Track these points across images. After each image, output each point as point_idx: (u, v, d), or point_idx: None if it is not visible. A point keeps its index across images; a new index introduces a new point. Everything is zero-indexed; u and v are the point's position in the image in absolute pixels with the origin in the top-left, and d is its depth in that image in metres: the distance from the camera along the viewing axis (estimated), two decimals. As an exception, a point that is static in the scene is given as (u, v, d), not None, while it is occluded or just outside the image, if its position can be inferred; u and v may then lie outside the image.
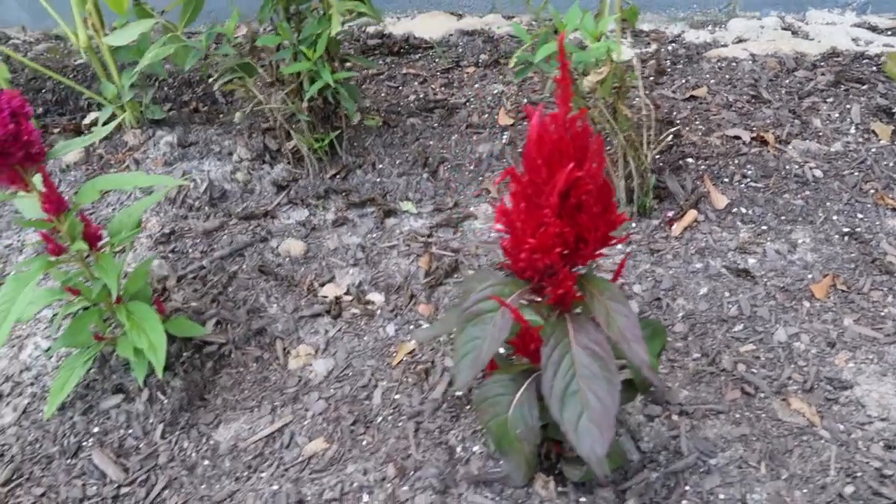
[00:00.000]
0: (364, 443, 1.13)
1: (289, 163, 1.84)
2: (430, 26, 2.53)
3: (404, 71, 2.27)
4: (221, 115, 2.12)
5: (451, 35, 2.48)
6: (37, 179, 1.08)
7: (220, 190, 1.78)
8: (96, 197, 1.11)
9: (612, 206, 0.87)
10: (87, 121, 2.11)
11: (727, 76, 1.98)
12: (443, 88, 2.14)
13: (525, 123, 1.89)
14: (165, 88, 2.19)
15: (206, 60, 1.64)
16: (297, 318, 1.39)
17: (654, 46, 2.24)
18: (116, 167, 1.91)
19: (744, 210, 1.51)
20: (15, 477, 1.14)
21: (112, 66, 1.92)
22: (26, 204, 1.16)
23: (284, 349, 1.34)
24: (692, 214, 1.49)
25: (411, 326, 1.35)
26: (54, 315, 1.43)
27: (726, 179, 1.57)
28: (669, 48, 2.22)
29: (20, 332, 1.43)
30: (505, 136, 1.83)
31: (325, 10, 1.59)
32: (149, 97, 1.94)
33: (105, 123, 1.92)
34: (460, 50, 2.38)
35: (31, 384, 1.30)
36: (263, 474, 1.12)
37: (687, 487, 1.00)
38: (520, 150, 1.78)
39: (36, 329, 1.43)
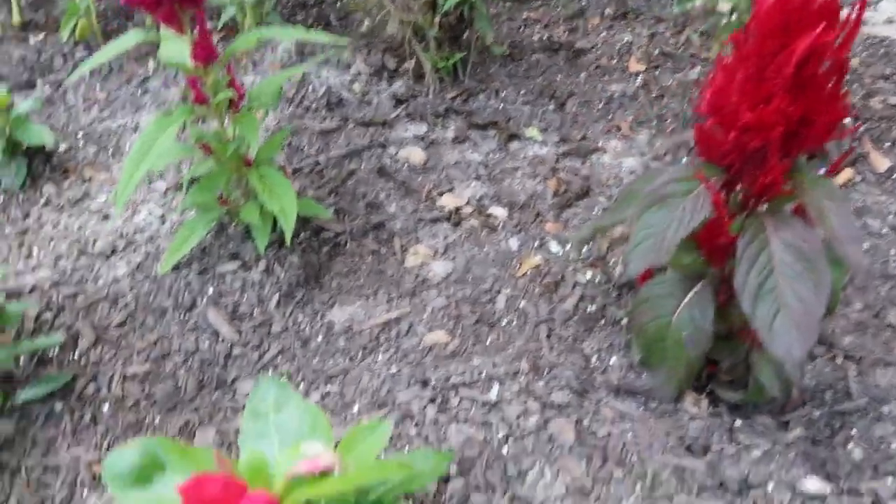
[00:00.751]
0: (488, 341, 1.07)
1: (409, 77, 1.79)
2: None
3: (525, 15, 2.19)
4: (334, 18, 2.09)
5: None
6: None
7: (337, 96, 1.74)
8: (252, 45, 1.07)
9: (843, 91, 0.78)
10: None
11: (881, 51, 1.85)
12: (567, 34, 2.06)
13: (658, 71, 1.79)
14: (279, 8, 2.16)
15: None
16: (417, 219, 1.33)
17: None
18: (234, 63, 1.89)
19: (905, 176, 1.39)
20: (128, 322, 1.10)
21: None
22: (171, 47, 1.12)
23: (402, 247, 1.28)
24: (848, 173, 1.38)
25: (536, 243, 1.28)
26: (180, 182, 1.40)
27: (888, 143, 1.46)
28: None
29: (136, 198, 1.40)
30: (639, 80, 1.73)
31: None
32: (270, 4, 1.92)
33: (225, 24, 1.91)
34: (583, 2, 2.29)
35: (145, 244, 1.27)
36: (379, 357, 1.06)
37: (854, 431, 0.90)
38: (654, 93, 1.69)
39: (150, 196, 1.41)
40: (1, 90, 1.41)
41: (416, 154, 1.51)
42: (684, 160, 1.47)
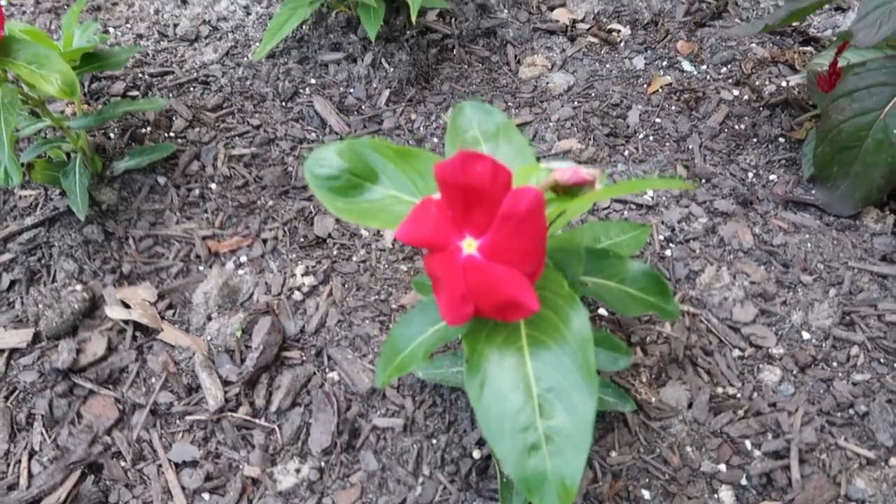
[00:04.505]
0: (626, 153, 0.95)
1: None
2: None
3: None
4: None
5: None
6: None
7: None
8: None
9: None
10: None
11: None
12: None
13: None
14: None
15: None
16: (532, 28, 1.19)
17: None
18: None
19: None
20: (225, 105, 0.99)
21: None
22: None
23: (516, 56, 1.14)
24: None
25: (665, 63, 1.14)
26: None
27: None
28: None
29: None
30: None
31: None
32: None
33: None
34: None
35: (231, 32, 1.14)
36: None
37: None
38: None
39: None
40: None
41: (523, -37, 1.34)
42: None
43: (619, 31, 1.21)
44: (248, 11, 1.20)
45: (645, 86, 1.10)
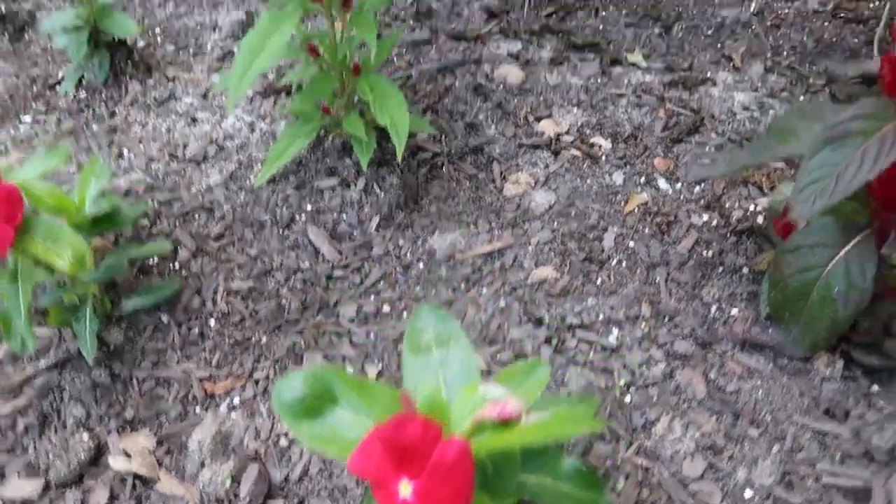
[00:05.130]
0: (599, 281, 1.02)
1: (500, -8, 1.67)
2: None
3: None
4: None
5: None
6: None
7: (426, 5, 1.64)
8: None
9: None
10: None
11: None
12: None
13: (772, -2, 1.64)
14: None
15: None
16: (517, 144, 1.26)
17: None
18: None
19: None
20: (227, 234, 1.07)
21: None
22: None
23: (502, 174, 1.21)
24: None
25: (643, 179, 1.21)
26: (268, 88, 1.34)
27: None
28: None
29: (222, 102, 1.35)
30: (753, 5, 1.60)
31: None
32: None
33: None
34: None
35: (236, 152, 1.23)
36: (484, 289, 1.02)
37: None
38: (770, 22, 1.56)
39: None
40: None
41: (513, 73, 1.42)
42: (801, 98, 1.37)
43: (600, 146, 1.28)
44: (253, 128, 1.28)
45: (622, 203, 1.17)
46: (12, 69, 1.50)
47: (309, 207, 1.11)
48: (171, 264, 1.02)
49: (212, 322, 0.95)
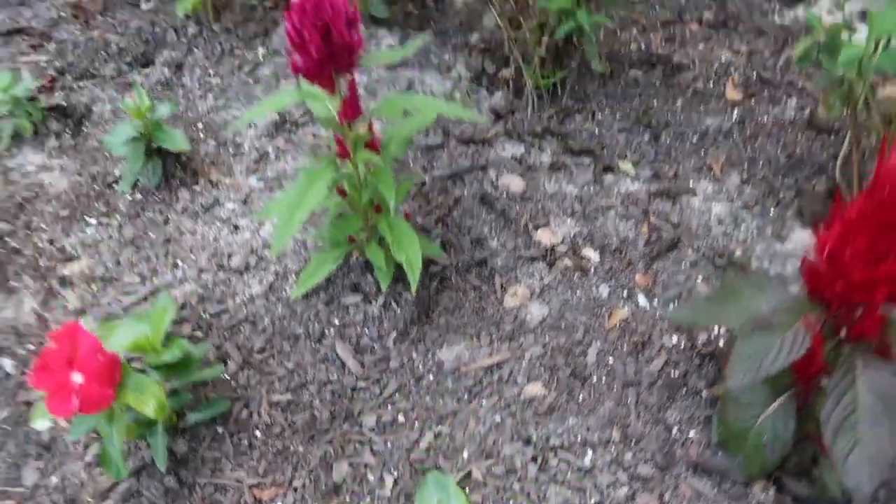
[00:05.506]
0: (581, 398, 1.21)
1: (507, 89, 1.85)
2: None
3: (622, 13, 2.19)
4: (433, 22, 2.13)
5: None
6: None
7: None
8: (397, 114, 1.16)
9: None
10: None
11: None
12: (664, 43, 2.07)
13: (755, 101, 1.82)
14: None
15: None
16: (516, 257, 1.45)
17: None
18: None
19: None
20: (267, 347, 1.27)
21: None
22: (318, 106, 1.22)
23: (502, 286, 1.40)
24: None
25: (625, 293, 1.39)
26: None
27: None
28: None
29: (260, 209, 1.54)
30: (735, 113, 1.77)
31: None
32: (376, -7, 1.97)
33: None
34: (683, 1, 2.26)
35: (274, 262, 1.42)
36: (484, 402, 1.21)
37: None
38: (748, 131, 1.73)
39: (272, 208, 1.54)
40: (144, 98, 1.53)
41: (515, 183, 1.61)
42: (772, 211, 1.54)
43: (589, 259, 1.46)
44: (312, 239, 1.48)
45: (607, 316, 1.36)
46: (74, 166, 1.70)
47: (336, 322, 1.31)
48: (222, 376, 1.22)
49: (258, 433, 1.15)
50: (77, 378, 0.89)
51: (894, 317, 0.90)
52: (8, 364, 1.26)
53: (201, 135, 1.79)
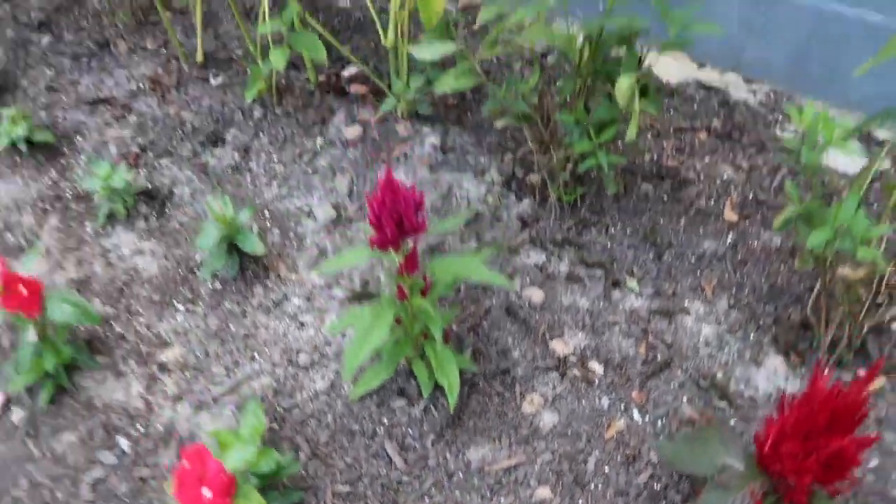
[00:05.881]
0: (580, 503, 1.51)
1: (534, 197, 2.13)
2: (671, 68, 2.65)
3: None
4: (469, 113, 2.41)
5: (689, 84, 2.62)
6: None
7: (475, 212, 2.10)
8: (450, 283, 1.45)
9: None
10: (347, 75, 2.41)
11: None
12: (675, 152, 2.34)
13: (749, 223, 2.09)
14: (428, 101, 2.42)
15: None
16: (534, 367, 1.74)
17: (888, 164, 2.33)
18: (387, 153, 2.24)
19: (927, 391, 1.73)
20: (330, 441, 1.57)
21: (404, 67, 2.22)
22: (386, 260, 1.51)
23: (521, 393, 1.70)
24: (880, 382, 1.73)
25: (623, 405, 1.69)
26: (354, 294, 1.82)
27: (920, 358, 1.78)
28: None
29: (321, 305, 1.84)
30: (730, 237, 2.05)
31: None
32: (421, 99, 2.25)
33: (384, 112, 2.26)
34: (695, 106, 2.52)
35: (334, 359, 1.72)
36: (502, 500, 1.52)
37: None
38: (739, 256, 2.01)
39: (330, 305, 1.84)
40: (229, 207, 1.82)
41: (537, 295, 1.89)
42: (752, 336, 1.83)
43: (594, 371, 1.76)
44: (345, 335, 1.78)
45: (606, 426, 1.65)
46: (161, 249, 2.00)
47: (385, 422, 1.61)
48: (295, 468, 1.52)
49: (325, 522, 1.46)
50: (206, 493, 1.19)
51: (820, 492, 1.19)
52: (124, 443, 1.56)
53: (268, 223, 2.08)
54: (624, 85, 1.64)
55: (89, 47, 2.68)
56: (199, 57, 2.57)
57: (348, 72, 2.51)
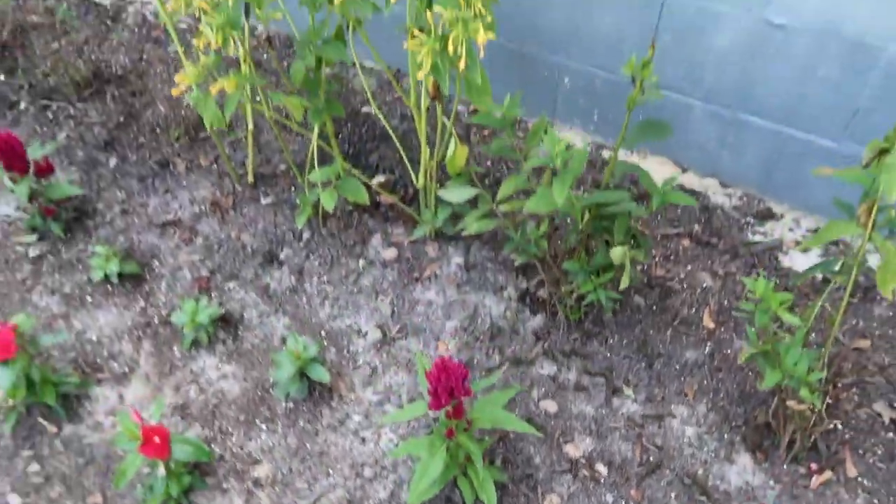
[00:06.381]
0: (592, 589, 1.95)
1: (545, 311, 2.56)
2: (657, 174, 3.06)
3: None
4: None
5: (673, 188, 3.03)
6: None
7: (497, 327, 2.53)
8: (488, 422, 1.88)
9: None
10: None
11: None
12: (662, 261, 2.77)
13: (724, 330, 2.52)
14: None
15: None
16: (552, 470, 2.18)
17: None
18: (419, 273, 2.66)
19: (866, 482, 2.18)
20: (396, 546, 2.01)
21: (432, 201, 2.65)
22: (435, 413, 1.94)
23: (542, 494, 2.14)
24: (828, 475, 2.17)
25: (624, 502, 2.13)
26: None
27: (861, 452, 2.22)
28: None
29: (377, 421, 2.27)
30: (707, 346, 2.48)
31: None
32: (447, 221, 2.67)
33: (416, 238, 2.68)
34: (679, 211, 2.95)
35: (391, 470, 2.15)
36: (532, 588, 1.96)
37: None
38: (716, 363, 2.44)
39: (384, 421, 2.27)
40: (301, 346, 2.24)
41: (551, 406, 2.33)
42: (726, 436, 2.26)
43: (600, 472, 2.20)
44: (395, 442, 2.21)
45: (610, 521, 2.09)
46: (240, 371, 2.43)
47: (438, 533, 2.05)
48: (370, 567, 1.96)
49: None
50: None
51: None
52: (239, 554, 2.00)
53: (325, 342, 2.50)
54: (617, 253, 2.07)
55: (152, 168, 3.08)
56: (251, 178, 2.98)
57: (377, 180, 2.91)
